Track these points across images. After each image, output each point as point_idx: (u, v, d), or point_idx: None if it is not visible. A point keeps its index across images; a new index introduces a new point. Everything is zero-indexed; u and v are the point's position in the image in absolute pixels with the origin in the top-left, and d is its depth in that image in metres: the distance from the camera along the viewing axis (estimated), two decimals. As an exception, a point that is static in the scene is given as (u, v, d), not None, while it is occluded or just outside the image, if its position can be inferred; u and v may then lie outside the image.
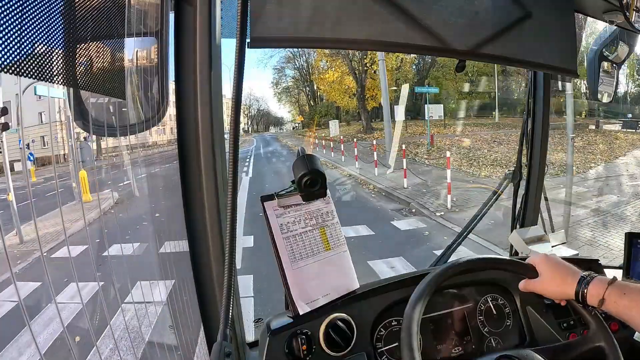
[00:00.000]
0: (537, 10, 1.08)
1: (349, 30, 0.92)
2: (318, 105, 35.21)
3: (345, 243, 1.18)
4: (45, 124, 5.67)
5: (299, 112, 38.35)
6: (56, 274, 4.70)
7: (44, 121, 5.64)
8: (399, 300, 1.19)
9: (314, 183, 1.03)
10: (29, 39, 0.67)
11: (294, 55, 32.97)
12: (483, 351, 1.24)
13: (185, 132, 1.00)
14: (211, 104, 0.98)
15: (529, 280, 1.02)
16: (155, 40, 1.01)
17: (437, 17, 0.96)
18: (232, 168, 0.75)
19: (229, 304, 0.76)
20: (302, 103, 38.32)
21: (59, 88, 7.18)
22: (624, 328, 1.30)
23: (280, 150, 26.10)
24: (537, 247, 1.62)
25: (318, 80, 31.98)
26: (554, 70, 1.20)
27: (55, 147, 8.72)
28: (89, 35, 0.82)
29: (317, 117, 33.56)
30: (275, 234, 1.07)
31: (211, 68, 0.97)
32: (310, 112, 35.88)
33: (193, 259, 1.07)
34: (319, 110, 34.36)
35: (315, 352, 1.09)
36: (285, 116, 41.68)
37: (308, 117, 35.10)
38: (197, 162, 1.00)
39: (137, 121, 1.05)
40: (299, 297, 1.08)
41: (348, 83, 29.03)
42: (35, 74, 0.69)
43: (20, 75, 0.66)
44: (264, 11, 0.86)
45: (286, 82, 37.57)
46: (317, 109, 34.53)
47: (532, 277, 1.02)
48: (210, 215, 1.03)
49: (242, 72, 0.76)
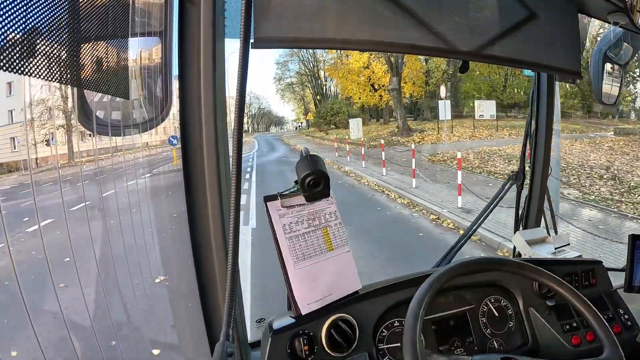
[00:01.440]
0: (541, 12, 1.08)
1: (352, 31, 0.92)
2: (328, 102, 31.13)
3: (347, 244, 1.18)
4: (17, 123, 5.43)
5: (304, 111, 35.56)
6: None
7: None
8: (401, 301, 1.19)
9: (317, 183, 1.03)
10: (33, 38, 0.67)
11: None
12: (485, 353, 1.23)
13: (188, 132, 1.00)
14: (215, 104, 0.98)
15: None
16: (159, 40, 1.01)
17: (442, 18, 0.96)
18: (236, 168, 0.75)
19: (232, 304, 0.76)
20: (307, 100, 35.75)
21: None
22: (627, 330, 1.30)
23: (290, 157, 19.74)
24: (540, 249, 1.61)
25: (331, 71, 29.54)
26: (558, 72, 1.20)
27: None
28: (93, 35, 0.83)
29: (329, 115, 29.03)
30: (278, 234, 1.07)
31: (215, 68, 0.97)
32: (318, 109, 31.85)
33: (196, 258, 1.07)
34: (329, 107, 29.73)
35: (317, 353, 1.08)
36: (286, 115, 39.49)
37: (317, 115, 30.77)
38: (201, 162, 1.01)
39: (140, 121, 1.05)
40: (302, 297, 1.08)
41: (371, 72, 24.79)
42: (39, 73, 0.69)
43: (24, 74, 0.66)
44: (267, 12, 0.86)
45: (290, 77, 35.36)
46: (327, 106, 30.01)
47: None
48: (213, 215, 1.03)
49: (245, 72, 0.76)
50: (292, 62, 34.20)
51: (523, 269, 1.07)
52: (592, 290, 1.38)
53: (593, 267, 1.42)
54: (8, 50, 0.63)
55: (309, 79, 34.98)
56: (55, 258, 1.51)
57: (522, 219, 1.82)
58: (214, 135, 0.99)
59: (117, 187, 1.39)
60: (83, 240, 1.30)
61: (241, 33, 0.74)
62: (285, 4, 0.88)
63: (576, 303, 1.01)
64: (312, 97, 35.31)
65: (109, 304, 1.41)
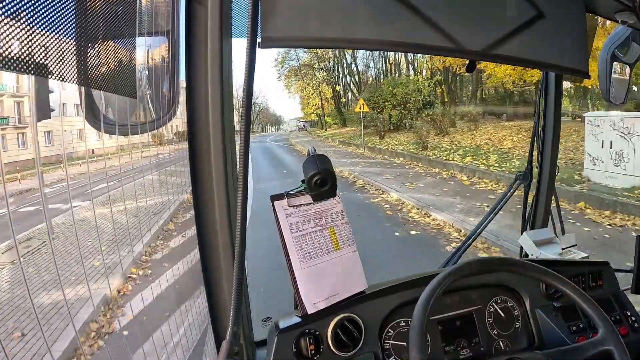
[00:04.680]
0: (548, 11, 1.07)
1: (360, 30, 0.91)
2: (385, 83, 21.68)
3: (354, 243, 1.18)
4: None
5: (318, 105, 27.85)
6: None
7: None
8: (407, 301, 1.18)
9: (324, 183, 1.03)
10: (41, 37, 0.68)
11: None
12: (491, 354, 1.23)
13: (195, 132, 1.00)
14: (222, 104, 0.98)
15: None
16: (166, 40, 1.02)
17: (450, 17, 0.96)
18: (243, 167, 0.75)
19: (239, 303, 0.76)
20: (321, 89, 27.92)
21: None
22: (634, 332, 1.29)
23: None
24: (547, 250, 1.61)
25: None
26: (565, 71, 1.19)
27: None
28: (101, 34, 0.83)
29: (388, 105, 19.40)
30: (284, 233, 1.07)
31: (222, 68, 0.97)
32: (359, 96, 22.24)
33: (203, 257, 1.08)
34: (388, 91, 19.87)
35: (323, 352, 1.09)
36: (284, 114, 33.81)
37: (370, 103, 19.51)
38: (208, 161, 1.01)
39: (148, 120, 1.06)
40: (308, 296, 1.08)
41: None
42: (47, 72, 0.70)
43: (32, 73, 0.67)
44: (274, 11, 0.86)
45: (296, 58, 28.07)
46: (386, 90, 20.12)
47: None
48: (220, 215, 1.03)
49: (252, 72, 0.76)
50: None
51: (529, 269, 1.07)
52: (599, 291, 1.37)
53: (600, 268, 1.42)
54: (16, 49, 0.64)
55: (336, 59, 27.19)
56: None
57: (529, 219, 1.81)
58: (221, 134, 0.99)
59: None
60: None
61: (248, 32, 0.75)
62: (293, 4, 0.88)
63: (582, 304, 1.01)
64: (346, 82, 26.23)
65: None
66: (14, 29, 0.63)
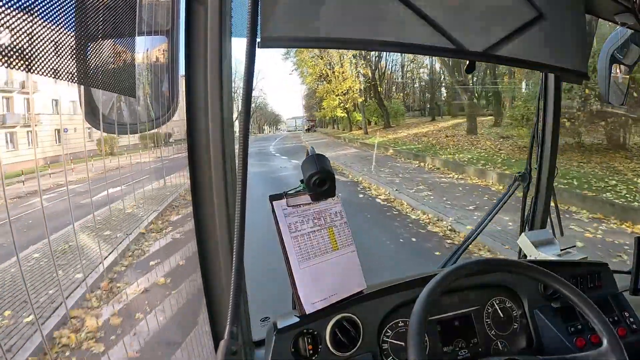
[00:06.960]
0: (548, 12, 1.07)
1: (359, 31, 0.91)
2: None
3: (353, 243, 1.18)
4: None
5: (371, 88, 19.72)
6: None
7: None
8: (406, 302, 1.18)
9: (323, 183, 1.03)
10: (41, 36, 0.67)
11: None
12: (490, 354, 1.23)
13: (195, 131, 1.00)
14: (221, 103, 0.98)
15: None
16: (166, 39, 1.02)
17: (450, 18, 0.96)
18: (242, 166, 0.75)
19: (237, 303, 0.76)
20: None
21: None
22: (632, 333, 1.29)
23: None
24: (546, 250, 1.61)
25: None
26: (564, 73, 1.19)
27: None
28: (101, 33, 0.83)
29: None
30: (283, 233, 1.07)
31: (222, 67, 0.97)
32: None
33: (201, 256, 1.07)
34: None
35: (321, 352, 1.09)
36: (283, 114, 29.47)
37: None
38: (207, 161, 1.01)
39: (147, 119, 1.05)
40: (306, 296, 1.08)
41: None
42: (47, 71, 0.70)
43: (32, 72, 0.67)
44: (274, 11, 0.86)
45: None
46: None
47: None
48: (219, 214, 1.03)
49: (252, 71, 0.76)
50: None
51: (528, 270, 1.07)
52: (597, 292, 1.37)
53: (599, 269, 1.42)
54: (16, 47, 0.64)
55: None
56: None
57: (527, 220, 1.81)
58: (220, 134, 0.99)
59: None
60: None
61: (248, 32, 0.74)
62: (292, 4, 0.87)
63: (581, 305, 1.00)
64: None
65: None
66: (13, 27, 0.62)
